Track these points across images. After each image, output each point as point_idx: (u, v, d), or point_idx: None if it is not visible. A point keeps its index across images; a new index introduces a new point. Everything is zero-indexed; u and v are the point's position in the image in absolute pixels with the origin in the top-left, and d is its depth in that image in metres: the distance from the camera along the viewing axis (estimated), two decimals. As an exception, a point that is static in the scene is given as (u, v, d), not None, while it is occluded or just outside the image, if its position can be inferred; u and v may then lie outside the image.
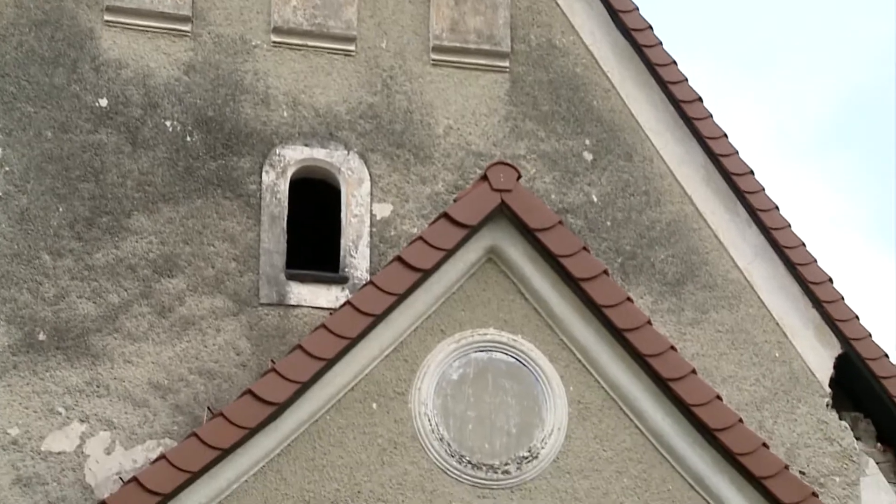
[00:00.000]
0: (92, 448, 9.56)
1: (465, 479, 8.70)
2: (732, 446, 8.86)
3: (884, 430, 11.34)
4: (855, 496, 11.02)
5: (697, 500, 8.91)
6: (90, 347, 9.71)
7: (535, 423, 8.85)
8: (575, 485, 8.80)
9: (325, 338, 8.64)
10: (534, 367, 8.93)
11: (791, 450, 10.71)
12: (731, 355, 10.76)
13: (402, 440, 8.70)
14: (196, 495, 8.34)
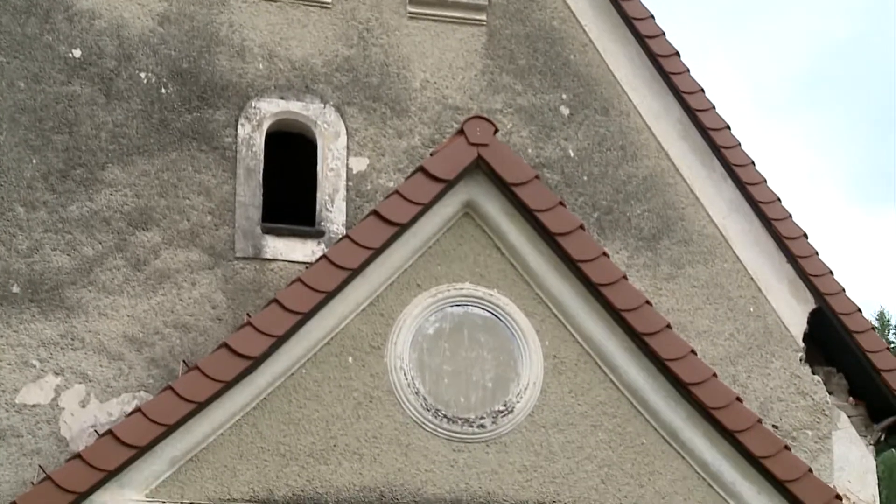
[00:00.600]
0: (67, 401, 9.54)
1: (441, 432, 8.72)
2: (706, 400, 8.90)
3: (856, 385, 11.42)
4: (827, 449, 11.10)
5: (671, 453, 8.96)
6: (64, 300, 9.67)
7: (511, 377, 8.87)
8: (550, 438, 8.84)
9: (301, 292, 8.63)
10: (509, 321, 8.95)
11: (764, 404, 10.77)
12: (706, 310, 10.79)
13: (378, 394, 8.71)
14: (171, 448, 8.34)
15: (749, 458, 8.91)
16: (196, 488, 8.35)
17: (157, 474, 8.33)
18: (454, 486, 8.64)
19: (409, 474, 8.61)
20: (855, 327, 11.24)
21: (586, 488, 8.79)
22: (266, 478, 8.44)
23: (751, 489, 8.95)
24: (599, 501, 8.78)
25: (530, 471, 8.75)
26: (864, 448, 11.44)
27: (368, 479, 8.56)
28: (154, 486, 8.32)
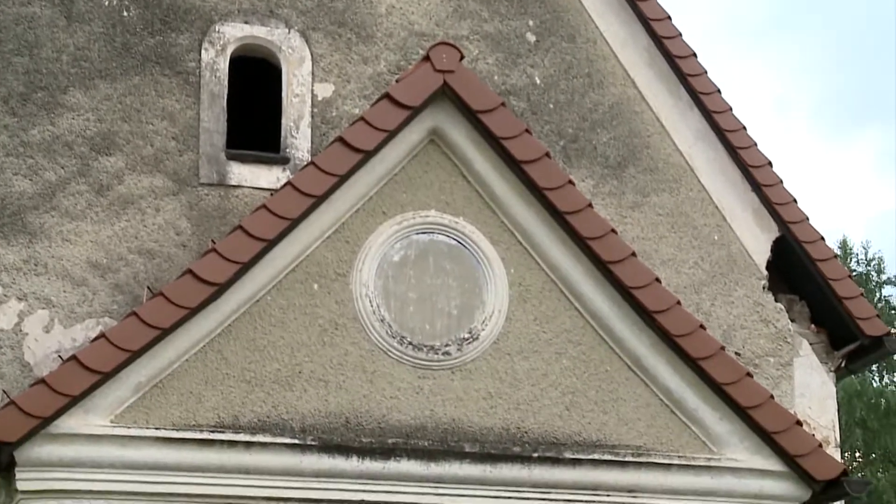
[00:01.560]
0: (30, 326, 9.51)
1: (406, 359, 8.75)
2: (670, 328, 8.96)
3: (818, 312, 11.50)
4: (788, 376, 11.20)
5: (635, 380, 9.02)
6: (27, 225, 9.61)
7: (476, 304, 8.89)
8: (515, 366, 8.88)
9: (266, 218, 8.60)
10: (475, 249, 8.95)
11: (727, 331, 10.84)
12: (671, 238, 10.83)
13: (344, 321, 8.72)
14: (136, 374, 8.34)
15: (711, 384, 8.99)
16: (161, 414, 8.36)
17: (121, 400, 8.33)
18: (419, 413, 8.68)
19: (374, 401, 8.64)
20: (818, 255, 11.30)
21: (550, 415, 8.85)
22: (231, 404, 8.46)
23: (713, 415, 9.03)
24: (563, 428, 8.84)
25: (495, 397, 8.79)
26: (825, 375, 11.55)
27: (334, 405, 8.59)
28: (119, 411, 8.32)
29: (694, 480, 8.92)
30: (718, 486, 8.96)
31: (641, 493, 8.83)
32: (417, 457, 8.53)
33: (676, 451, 8.95)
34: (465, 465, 8.58)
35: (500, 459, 8.62)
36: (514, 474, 8.64)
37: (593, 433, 8.87)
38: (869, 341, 11.39)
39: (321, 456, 8.43)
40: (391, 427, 8.61)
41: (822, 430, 11.38)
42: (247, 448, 8.35)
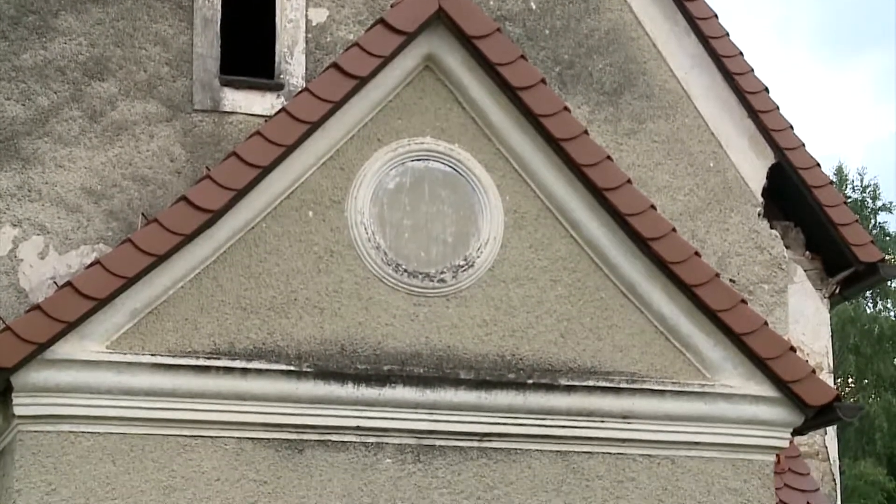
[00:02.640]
0: (25, 252, 9.52)
1: (401, 287, 8.76)
2: (665, 255, 8.96)
3: (813, 239, 11.53)
4: (782, 303, 11.24)
5: (630, 307, 9.04)
6: (20, 151, 9.58)
7: (471, 232, 8.88)
8: (510, 293, 8.89)
9: (260, 145, 8.56)
10: (470, 176, 8.93)
11: (722, 258, 10.87)
12: (667, 165, 10.82)
13: (339, 248, 8.71)
14: (131, 301, 8.34)
15: (706, 311, 9.01)
16: (157, 341, 8.38)
17: (117, 326, 8.34)
18: (414, 340, 8.70)
19: (369, 328, 8.66)
20: (813, 182, 11.31)
21: (545, 342, 8.87)
22: (227, 331, 8.47)
23: (707, 342, 9.06)
24: (558, 355, 8.87)
25: (490, 325, 8.82)
26: (819, 301, 11.60)
27: (329, 332, 8.61)
28: (115, 337, 8.33)
29: (687, 406, 8.97)
30: (712, 412, 9.01)
31: (635, 419, 8.88)
32: (412, 383, 8.57)
33: (670, 378, 8.99)
34: (460, 391, 8.62)
35: (495, 386, 8.66)
36: (508, 401, 8.68)
37: (588, 360, 8.91)
38: (863, 268, 11.43)
39: (317, 382, 8.46)
40: (386, 354, 8.64)
41: (815, 356, 11.45)
42: (243, 374, 8.38)
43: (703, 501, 8.94)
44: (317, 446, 8.50)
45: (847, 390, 23.90)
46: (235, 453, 8.38)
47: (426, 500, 8.57)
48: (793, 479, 10.83)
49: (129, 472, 8.24)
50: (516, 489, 8.69)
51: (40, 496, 8.09)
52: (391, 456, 8.58)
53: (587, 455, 8.83)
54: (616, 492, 8.82)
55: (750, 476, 9.05)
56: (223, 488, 8.33)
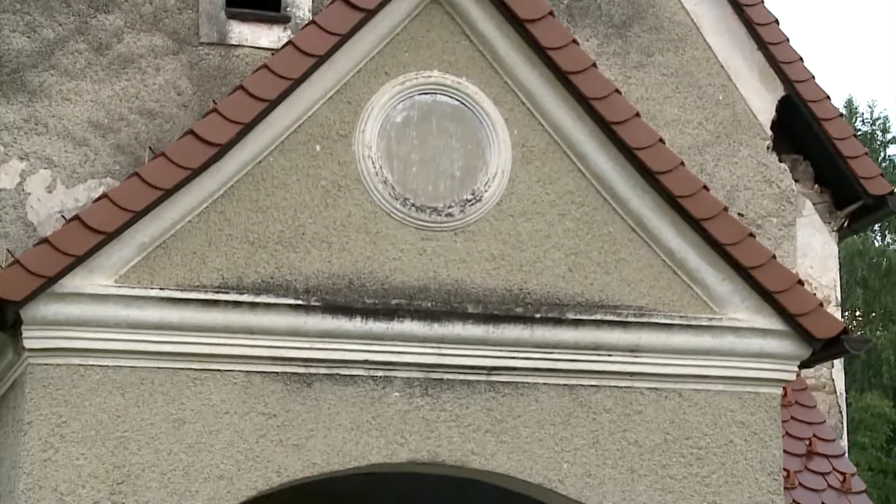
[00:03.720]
0: (33, 186, 9.51)
1: (409, 221, 8.75)
2: (673, 189, 8.94)
3: (822, 172, 11.51)
4: (791, 236, 11.24)
5: (638, 241, 9.03)
6: (26, 84, 9.55)
7: (479, 166, 8.86)
8: (518, 227, 8.88)
9: (267, 78, 8.52)
10: (478, 110, 8.89)
11: (731, 192, 10.85)
12: (675, 99, 10.77)
13: (346, 182, 8.70)
14: (139, 235, 8.35)
15: (714, 245, 9.00)
16: (165, 275, 8.39)
17: (126, 260, 8.34)
18: (422, 275, 8.70)
19: (377, 262, 8.66)
20: (823, 114, 11.27)
21: (553, 276, 8.87)
22: (235, 265, 8.48)
23: (715, 276, 9.06)
24: (566, 289, 8.88)
25: (498, 259, 8.81)
26: (828, 235, 11.59)
27: (337, 266, 8.61)
28: (123, 271, 8.34)
29: (695, 340, 8.98)
30: (719, 346, 9.02)
31: (643, 353, 8.90)
32: (421, 318, 8.58)
33: (678, 312, 8.99)
34: (467, 325, 8.63)
35: (503, 320, 8.67)
36: (516, 335, 8.70)
37: (595, 294, 8.91)
38: (872, 200, 11.42)
39: (325, 317, 8.48)
40: (394, 288, 8.64)
41: (823, 289, 11.45)
42: (251, 309, 8.40)
43: (710, 434, 8.98)
44: (325, 380, 8.53)
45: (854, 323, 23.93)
46: (244, 387, 8.42)
47: (434, 433, 8.61)
48: (799, 412, 10.89)
49: (139, 404, 8.28)
50: (524, 422, 8.73)
51: (51, 428, 8.13)
52: (399, 389, 8.61)
53: (594, 389, 8.86)
54: (623, 425, 8.86)
55: (756, 409, 9.08)
56: (232, 421, 8.37)
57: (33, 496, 8.04)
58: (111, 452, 8.19)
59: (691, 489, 8.88)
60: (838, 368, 11.58)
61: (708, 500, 8.88)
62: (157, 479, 8.22)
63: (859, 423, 20.98)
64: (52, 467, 8.09)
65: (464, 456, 8.63)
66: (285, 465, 8.40)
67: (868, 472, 20.01)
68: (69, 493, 8.09)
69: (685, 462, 8.91)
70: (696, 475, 8.91)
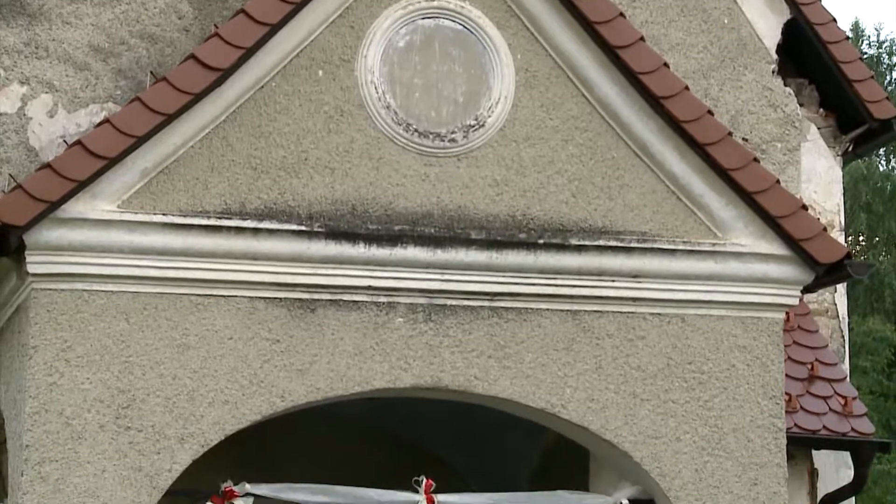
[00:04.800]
0: (34, 110, 9.49)
1: (412, 147, 8.72)
2: (677, 114, 8.90)
3: (827, 96, 11.45)
4: (795, 161, 11.21)
5: (641, 167, 9.01)
6: (25, 6, 9.48)
7: (483, 91, 8.82)
8: (521, 153, 8.85)
9: (269, 2, 8.47)
10: (481, 34, 8.83)
11: (735, 117, 10.80)
12: (680, 22, 10.68)
13: (349, 108, 8.66)
14: (142, 160, 8.34)
15: (718, 170, 8.98)
16: (168, 200, 8.38)
17: (128, 186, 8.34)
18: (425, 200, 8.70)
19: (380, 188, 8.65)
20: (829, 38, 11.18)
21: (557, 202, 8.86)
22: (238, 191, 8.47)
23: (719, 201, 9.05)
24: (569, 214, 8.87)
25: (501, 185, 8.80)
26: (832, 159, 11.55)
27: (340, 192, 8.60)
28: (126, 197, 8.34)
29: (698, 265, 8.99)
30: (723, 271, 9.03)
31: (646, 278, 8.90)
32: (423, 243, 8.58)
33: (681, 237, 8.99)
34: (471, 251, 8.64)
35: (506, 246, 8.67)
36: (519, 261, 8.70)
37: (599, 219, 8.90)
38: (877, 124, 11.37)
39: (328, 242, 8.48)
40: (397, 214, 8.64)
41: (826, 214, 11.44)
42: (254, 234, 8.40)
43: (713, 359, 9.01)
44: (329, 306, 8.55)
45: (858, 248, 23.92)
46: (248, 312, 8.44)
47: (437, 358, 8.64)
48: (801, 337, 10.92)
49: (143, 329, 8.31)
50: (527, 348, 8.75)
51: (56, 352, 8.18)
52: (403, 315, 8.63)
53: (597, 314, 8.88)
54: (626, 350, 8.88)
55: (759, 333, 9.10)
56: (236, 346, 8.41)
57: (39, 420, 8.10)
58: (116, 377, 8.23)
59: (693, 413, 8.92)
60: (841, 293, 11.59)
61: (710, 424, 8.93)
62: (162, 403, 8.27)
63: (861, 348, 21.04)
64: (57, 391, 8.15)
65: (467, 381, 8.67)
66: (289, 390, 8.44)
67: (869, 396, 20.09)
68: (75, 416, 8.14)
69: (687, 386, 8.94)
70: (697, 399, 8.95)
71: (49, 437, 8.09)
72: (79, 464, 8.11)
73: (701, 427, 8.92)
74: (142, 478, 8.18)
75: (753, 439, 8.96)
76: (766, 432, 8.98)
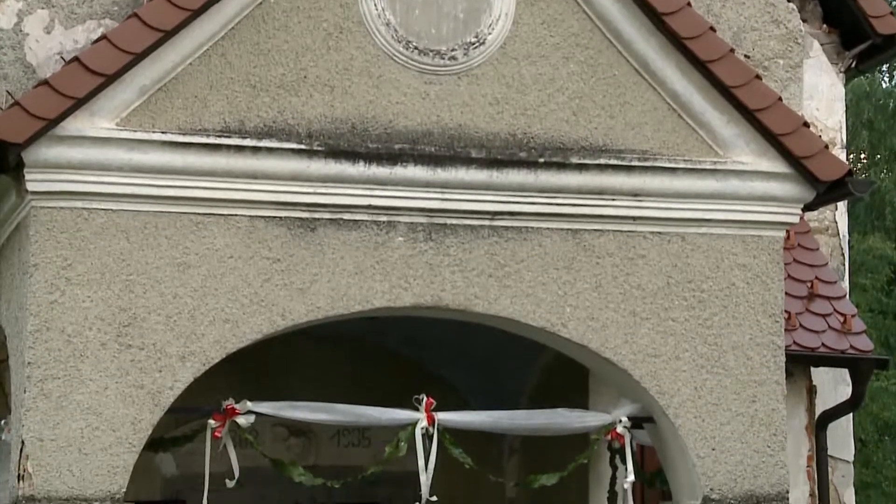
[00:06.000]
0: (31, 26, 9.43)
1: (412, 64, 8.66)
2: (679, 30, 8.84)
3: (830, 12, 11.38)
4: (797, 78, 11.16)
5: (643, 84, 8.96)
6: (22, -79, 9.40)
7: (482, 8, 8.74)
8: (522, 70, 8.80)
9: (268, -83, 8.39)
10: (481, -50, 8.75)
11: (737, 34, 10.73)
12: (682, -62, 10.56)
13: (348, 25, 8.59)
14: (140, 77, 8.29)
15: (719, 87, 8.94)
16: (167, 118, 8.35)
17: (127, 103, 8.30)
18: (425, 119, 8.65)
19: (380, 106, 8.60)
20: (833, -50, 11.11)
21: (557, 120, 8.82)
22: (237, 109, 8.43)
23: (720, 119, 9.01)
24: (570, 133, 8.83)
25: (502, 103, 8.75)
26: (835, 76, 11.50)
27: (340, 110, 8.56)
28: (125, 114, 8.30)
29: (699, 184, 8.97)
30: (723, 189, 9.01)
31: (646, 197, 8.89)
32: (424, 162, 8.55)
33: (682, 155, 8.96)
34: (471, 170, 8.61)
35: (507, 165, 8.64)
36: (520, 179, 8.68)
37: (600, 138, 8.87)
38: (881, 40, 11.31)
39: (328, 161, 8.45)
40: (397, 132, 8.60)
41: (828, 131, 11.41)
42: (254, 153, 8.37)
43: (712, 277, 9.01)
44: (329, 225, 8.54)
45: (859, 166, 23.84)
46: (248, 231, 8.43)
47: (438, 277, 8.65)
48: (802, 255, 10.94)
49: (143, 248, 8.31)
50: (527, 266, 8.76)
51: (56, 270, 8.18)
52: (403, 234, 8.63)
53: (598, 233, 8.87)
54: (626, 268, 8.89)
55: (759, 252, 9.10)
56: (237, 265, 8.41)
57: (41, 337, 8.12)
58: (117, 295, 8.25)
59: (693, 331, 8.95)
60: (842, 211, 11.60)
61: (709, 342, 8.96)
62: (163, 321, 8.29)
63: (861, 265, 21.03)
64: (58, 309, 8.16)
65: (467, 300, 8.68)
66: (290, 309, 8.46)
67: (868, 314, 20.11)
68: (76, 334, 8.16)
69: (687, 305, 8.96)
70: (697, 318, 8.97)
71: (51, 355, 8.12)
72: (81, 381, 8.15)
73: (700, 345, 8.95)
74: (143, 395, 8.22)
75: (752, 357, 9.00)
76: (765, 350, 9.02)
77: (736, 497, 8.87)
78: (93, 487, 8.07)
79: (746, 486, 8.89)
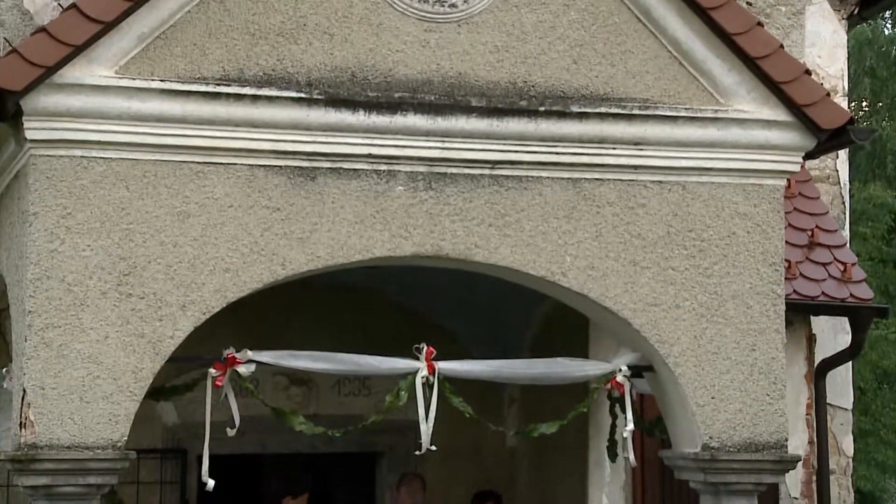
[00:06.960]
0: (27, -19, 9.38)
1: (412, 12, 8.61)
2: (681, -23, 8.80)
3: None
4: (799, 25, 11.12)
5: (644, 32, 8.91)
6: None
7: (483, -27, 8.69)
8: (522, 18, 8.74)
9: None
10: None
11: (739, -19, 10.65)
12: None
13: (346, -31, 8.55)
14: (139, 24, 8.24)
15: (721, 35, 8.88)
16: (166, 66, 8.30)
17: (125, 51, 8.25)
18: (425, 67, 8.61)
19: (380, 55, 8.56)
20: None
21: (558, 68, 8.78)
22: (236, 57, 8.38)
23: (721, 66, 8.97)
24: (570, 81, 8.79)
25: (502, 51, 8.70)
26: (837, 23, 11.45)
27: (339, 58, 8.51)
28: (123, 62, 8.26)
29: (700, 132, 8.94)
30: (725, 138, 8.98)
31: (647, 145, 8.86)
32: (424, 111, 8.52)
33: (683, 104, 8.93)
34: (471, 119, 8.58)
35: (507, 113, 8.61)
36: (520, 128, 8.65)
37: (600, 86, 8.83)
38: (884, -15, 11.25)
39: (327, 110, 8.42)
40: (397, 81, 8.56)
41: (830, 79, 11.38)
42: (253, 101, 8.33)
43: (713, 226, 9.00)
44: (329, 173, 8.52)
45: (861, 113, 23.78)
46: (248, 180, 8.41)
47: (438, 226, 8.63)
48: (802, 203, 10.94)
49: (143, 197, 8.29)
50: (527, 216, 8.74)
51: (56, 219, 8.16)
52: (403, 183, 8.61)
53: (598, 182, 8.85)
54: (626, 217, 8.88)
55: (760, 200, 9.09)
56: (236, 214, 8.39)
57: (41, 286, 8.12)
58: (117, 244, 8.24)
59: (693, 280, 8.95)
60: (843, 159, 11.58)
61: (709, 291, 8.96)
62: (164, 270, 8.28)
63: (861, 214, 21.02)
64: (58, 258, 8.15)
65: (467, 249, 8.67)
66: (290, 259, 8.45)
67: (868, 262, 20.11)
68: (76, 283, 8.16)
69: (687, 254, 8.96)
70: (697, 267, 8.97)
71: (51, 304, 8.12)
72: (82, 330, 8.16)
73: (700, 294, 8.95)
74: (144, 344, 8.22)
75: (752, 306, 9.00)
76: (765, 299, 9.02)
77: (735, 445, 8.90)
78: (94, 435, 8.10)
79: (746, 434, 8.92)
